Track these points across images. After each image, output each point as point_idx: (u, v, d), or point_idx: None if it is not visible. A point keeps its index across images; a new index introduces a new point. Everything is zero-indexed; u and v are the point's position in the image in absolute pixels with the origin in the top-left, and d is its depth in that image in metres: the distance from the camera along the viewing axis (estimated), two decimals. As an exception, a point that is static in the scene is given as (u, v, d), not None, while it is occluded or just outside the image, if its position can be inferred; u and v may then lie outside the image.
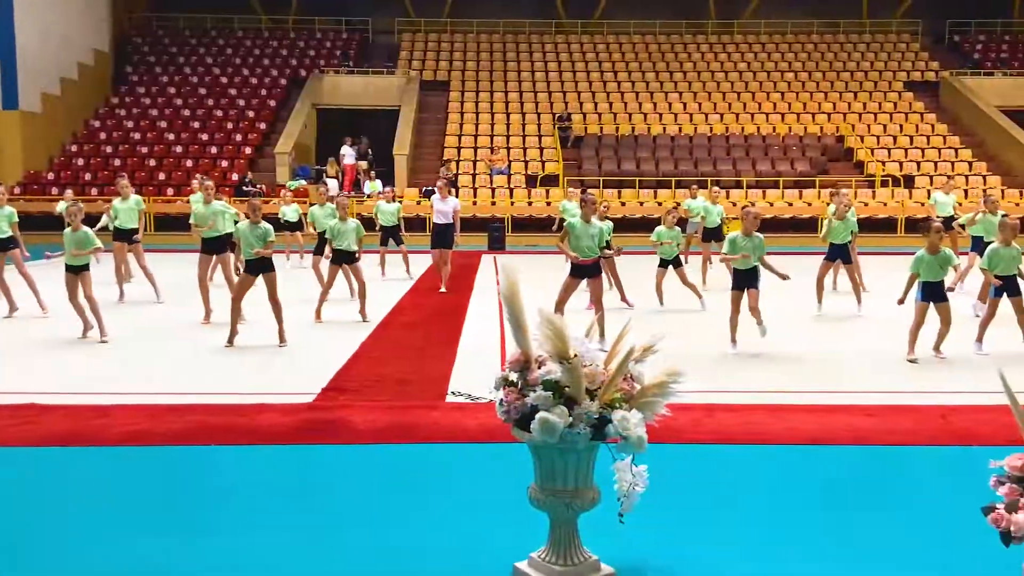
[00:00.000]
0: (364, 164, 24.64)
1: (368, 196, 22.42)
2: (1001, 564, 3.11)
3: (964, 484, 4.39)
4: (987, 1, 31.47)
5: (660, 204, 21.91)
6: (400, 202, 15.65)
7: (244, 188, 21.13)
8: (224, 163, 24.32)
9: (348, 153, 24.42)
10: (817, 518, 4.12)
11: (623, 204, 22.43)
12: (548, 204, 22.10)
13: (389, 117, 26.27)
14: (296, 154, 24.16)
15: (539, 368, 3.28)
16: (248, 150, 24.90)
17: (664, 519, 4.00)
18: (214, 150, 24.89)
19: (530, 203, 22.60)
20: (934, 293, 7.43)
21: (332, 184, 22.33)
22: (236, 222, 9.56)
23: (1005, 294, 7.75)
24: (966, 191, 22.33)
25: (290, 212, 15.05)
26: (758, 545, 3.80)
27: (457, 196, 22.05)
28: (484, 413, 4.76)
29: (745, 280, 7.78)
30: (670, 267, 10.34)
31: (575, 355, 3.19)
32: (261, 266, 8.12)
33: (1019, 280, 7.70)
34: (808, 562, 3.63)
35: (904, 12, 31.05)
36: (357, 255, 9.54)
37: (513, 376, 3.36)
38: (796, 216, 21.77)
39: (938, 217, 11.91)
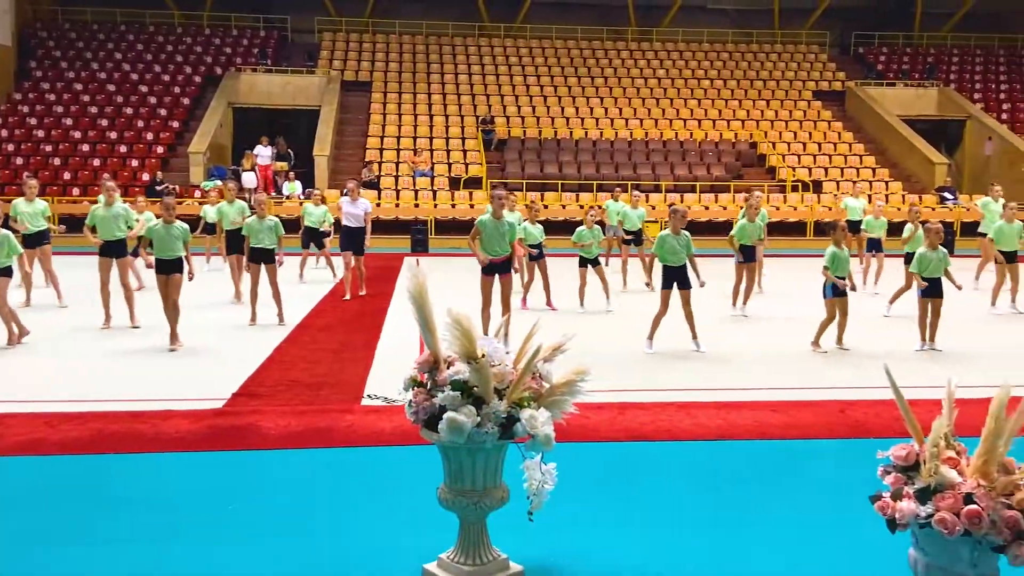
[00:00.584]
0: (284, 165, 24.12)
1: (287, 198, 21.99)
2: (889, 549, 3.27)
3: (858, 474, 4.58)
4: (890, 15, 33.09)
5: (582, 207, 22.22)
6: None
7: (156, 188, 20.40)
8: (134, 162, 23.44)
9: (263, 153, 23.81)
10: (723, 511, 4.23)
11: (546, 207, 22.61)
12: (472, 207, 22.10)
13: (309, 117, 25.82)
14: (211, 154, 23.47)
15: (448, 368, 3.28)
16: (160, 149, 24.06)
17: (575, 516, 4.05)
18: (124, 149, 23.96)
19: (453, 205, 22.55)
20: (840, 289, 7.82)
21: (248, 177, 21.79)
22: (130, 227, 9.23)
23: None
24: (870, 196, 23.39)
25: (213, 213, 14.53)
26: (665, 540, 3.89)
27: (380, 197, 21.95)
28: (400, 416, 4.69)
29: (676, 277, 7.91)
30: (589, 267, 10.48)
31: (483, 355, 3.21)
32: (171, 267, 7.88)
33: (945, 282, 8.11)
34: (713, 554, 3.73)
35: (813, 24, 32.33)
36: (276, 254, 9.29)
37: (422, 377, 3.35)
38: (712, 219, 22.37)
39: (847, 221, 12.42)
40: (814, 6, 31.87)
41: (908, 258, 10.00)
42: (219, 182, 21.46)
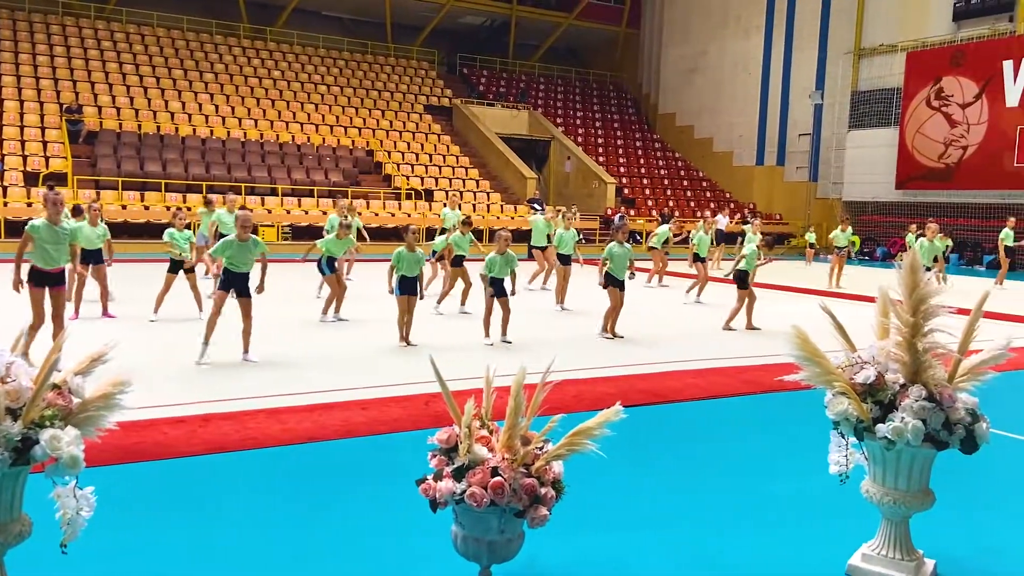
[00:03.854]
0: None
1: None
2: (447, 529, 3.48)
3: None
4: (488, 41, 36.46)
5: (189, 209, 20.75)
6: None
7: None
8: None
9: None
10: (305, 517, 4.16)
11: (147, 208, 20.76)
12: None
13: None
14: None
15: (-59, 390, 2.74)
16: None
17: (132, 543, 3.69)
18: None
19: (30, 204, 19.55)
20: (409, 287, 8.40)
21: None
22: None
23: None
24: (474, 205, 25.50)
25: None
26: (238, 555, 3.71)
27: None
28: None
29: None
30: (181, 272, 9.84)
31: (-15, 370, 2.74)
32: None
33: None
34: (290, 566, 3.65)
35: (423, 42, 34.28)
36: None
37: (-95, 403, 2.76)
38: (329, 224, 22.47)
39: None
40: (424, 24, 33.83)
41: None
42: None
